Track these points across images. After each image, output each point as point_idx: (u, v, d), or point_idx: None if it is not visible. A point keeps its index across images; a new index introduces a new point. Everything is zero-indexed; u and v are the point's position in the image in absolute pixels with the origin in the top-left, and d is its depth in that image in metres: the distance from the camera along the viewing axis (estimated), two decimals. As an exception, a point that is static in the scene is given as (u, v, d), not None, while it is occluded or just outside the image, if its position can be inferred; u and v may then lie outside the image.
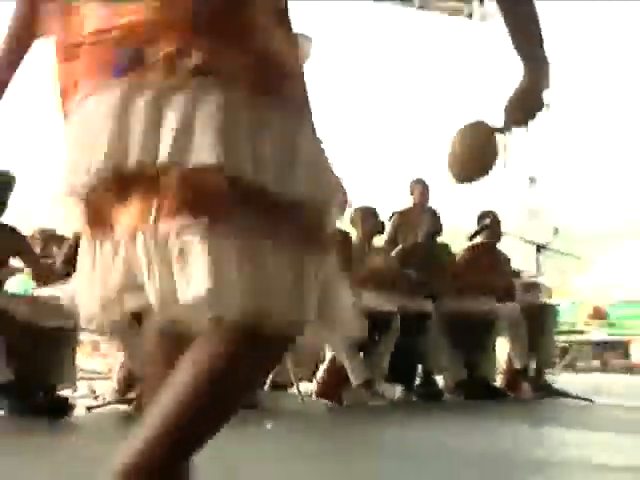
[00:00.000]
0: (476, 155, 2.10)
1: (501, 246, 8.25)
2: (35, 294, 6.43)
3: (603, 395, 7.27)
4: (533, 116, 2.05)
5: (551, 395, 7.33)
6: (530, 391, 7.41)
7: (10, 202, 6.33)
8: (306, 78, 1.82)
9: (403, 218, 8.28)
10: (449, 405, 7.13)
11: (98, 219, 1.60)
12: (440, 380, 7.56)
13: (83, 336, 6.36)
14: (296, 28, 1.97)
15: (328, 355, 6.72)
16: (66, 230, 6.25)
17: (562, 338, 11.18)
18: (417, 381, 7.51)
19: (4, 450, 4.31)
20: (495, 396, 7.26)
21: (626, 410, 6.67)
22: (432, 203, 8.35)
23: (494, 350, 7.65)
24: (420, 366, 7.44)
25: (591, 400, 6.86)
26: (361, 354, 6.66)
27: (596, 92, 30.73)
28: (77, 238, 4.72)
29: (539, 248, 8.53)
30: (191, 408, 1.60)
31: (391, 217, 8.28)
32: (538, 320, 7.57)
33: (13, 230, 6.31)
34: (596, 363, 13.60)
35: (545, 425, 5.71)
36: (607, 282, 14.41)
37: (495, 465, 3.72)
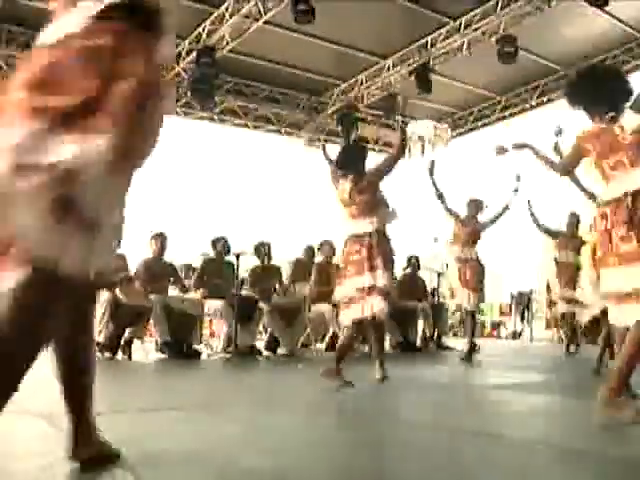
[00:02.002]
0: None
1: (420, 274, 8.94)
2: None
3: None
4: None
5: (444, 349, 8.39)
6: (434, 347, 8.45)
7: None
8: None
9: None
10: (393, 354, 7.60)
11: None
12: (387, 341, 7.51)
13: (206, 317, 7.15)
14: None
15: (331, 328, 7.51)
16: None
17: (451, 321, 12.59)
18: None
19: (169, 373, 5.31)
20: (417, 350, 8.08)
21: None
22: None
23: (416, 326, 8.41)
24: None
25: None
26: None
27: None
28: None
29: (439, 274, 9.42)
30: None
31: None
32: (437, 312, 8.55)
33: (171, 264, 7.33)
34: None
35: (437, 363, 6.76)
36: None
37: (416, 382, 4.52)
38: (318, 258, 8.00)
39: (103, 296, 6.36)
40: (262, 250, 7.62)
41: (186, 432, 2.38)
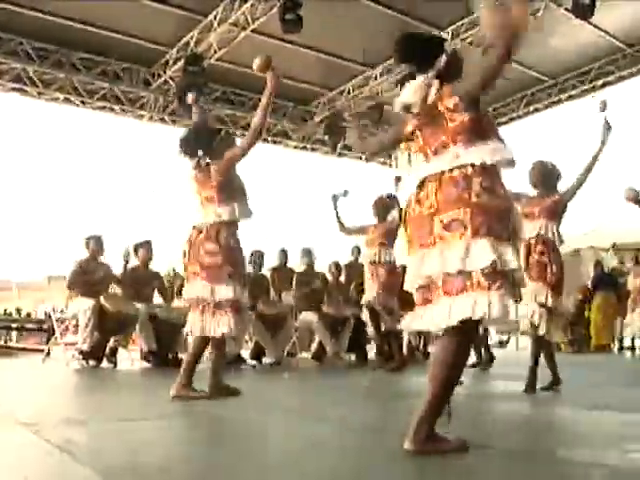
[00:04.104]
0: None
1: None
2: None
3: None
4: None
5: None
6: (421, 356, 8.26)
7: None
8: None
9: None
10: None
11: None
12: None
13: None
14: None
15: (317, 338, 7.56)
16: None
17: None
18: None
19: (154, 382, 5.28)
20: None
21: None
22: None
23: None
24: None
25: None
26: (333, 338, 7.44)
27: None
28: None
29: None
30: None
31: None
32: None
33: (157, 273, 7.34)
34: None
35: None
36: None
37: (404, 391, 4.71)
38: (301, 267, 8.00)
39: (88, 304, 6.37)
40: (255, 259, 7.60)
41: (169, 441, 2.39)
